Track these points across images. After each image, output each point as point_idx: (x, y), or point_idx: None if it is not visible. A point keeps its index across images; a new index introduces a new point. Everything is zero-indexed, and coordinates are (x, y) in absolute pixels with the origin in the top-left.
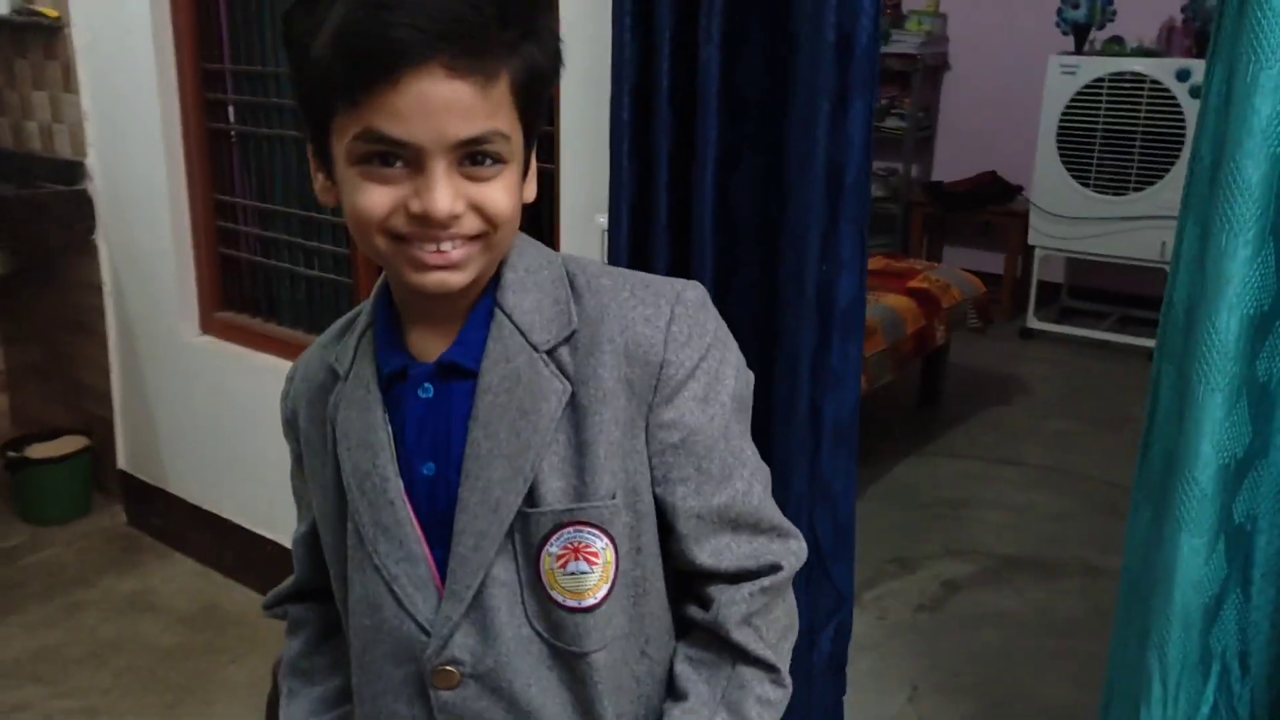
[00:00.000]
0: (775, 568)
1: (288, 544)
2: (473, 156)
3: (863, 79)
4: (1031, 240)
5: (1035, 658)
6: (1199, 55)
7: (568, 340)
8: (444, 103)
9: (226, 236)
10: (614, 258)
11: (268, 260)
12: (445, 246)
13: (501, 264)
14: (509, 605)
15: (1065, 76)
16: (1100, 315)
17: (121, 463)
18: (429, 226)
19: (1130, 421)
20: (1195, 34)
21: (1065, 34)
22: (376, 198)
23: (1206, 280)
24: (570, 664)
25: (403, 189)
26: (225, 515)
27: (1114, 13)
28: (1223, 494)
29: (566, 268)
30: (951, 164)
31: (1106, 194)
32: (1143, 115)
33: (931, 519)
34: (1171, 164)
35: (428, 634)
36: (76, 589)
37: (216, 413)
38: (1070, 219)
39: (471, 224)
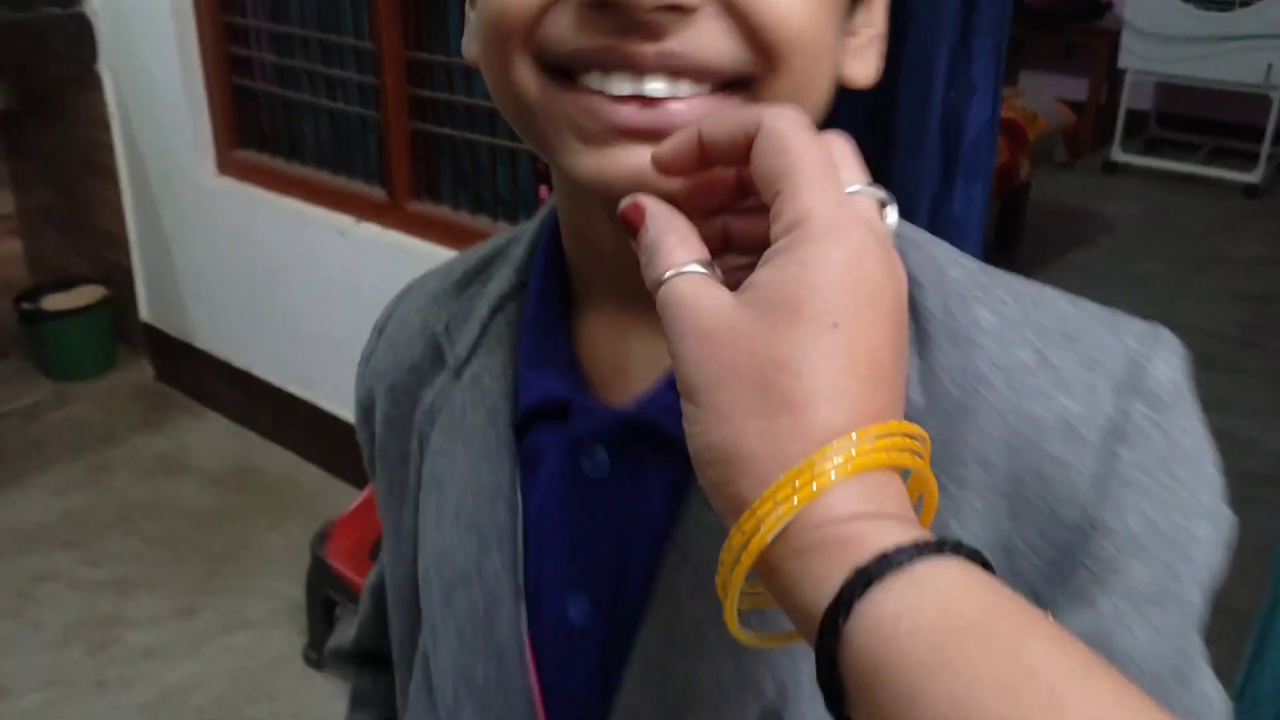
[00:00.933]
0: None
1: (326, 406)
2: None
3: None
4: (1123, 62)
5: None
6: None
7: None
8: None
9: (239, 65)
10: None
11: (286, 92)
12: (655, 85)
13: None
14: None
15: None
16: (1191, 147)
17: (144, 314)
18: (621, 29)
19: (1222, 262)
20: None
21: None
22: None
23: None
24: None
25: None
26: (257, 373)
27: None
28: None
29: (904, 261)
30: None
31: (1210, 9)
32: None
33: None
34: None
35: None
36: (104, 448)
37: (242, 262)
38: (1167, 38)
39: (719, 45)
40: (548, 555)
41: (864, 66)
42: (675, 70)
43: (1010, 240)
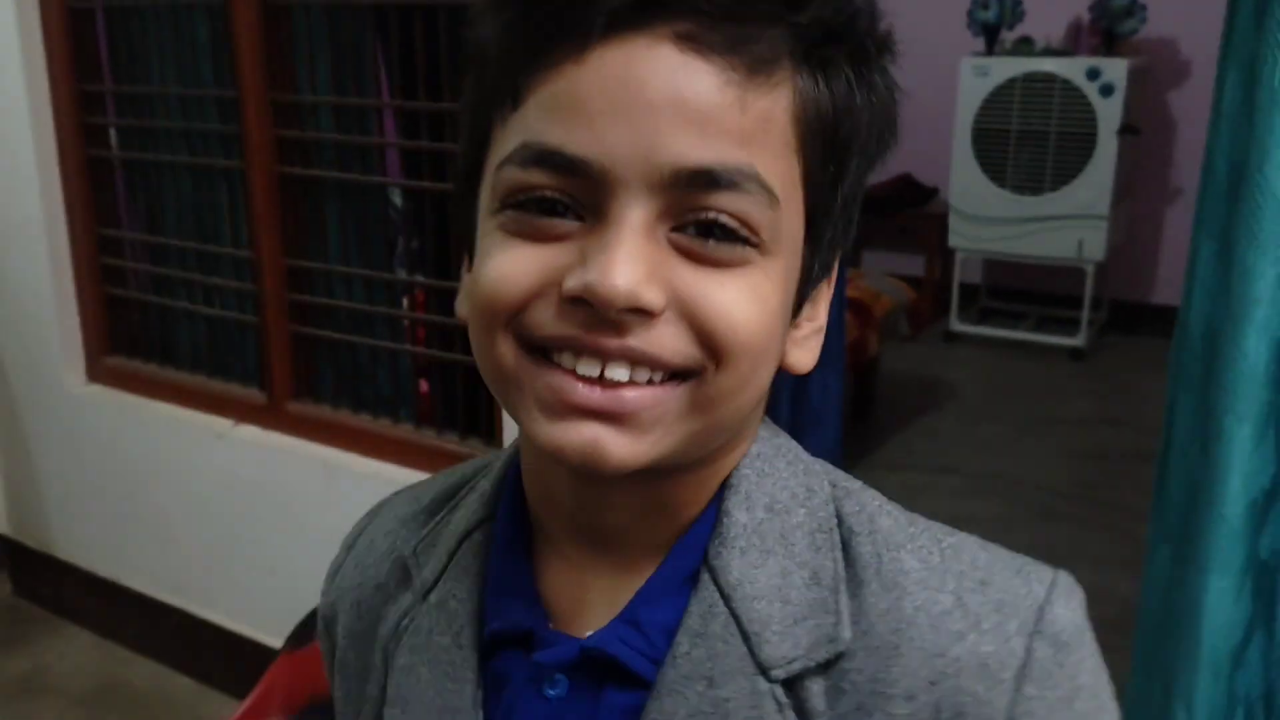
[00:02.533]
0: None
1: (199, 613)
2: (700, 224)
3: None
4: (952, 242)
5: None
6: (1107, 54)
7: (826, 668)
8: (668, 93)
9: (113, 274)
10: None
11: (161, 299)
12: (616, 372)
13: (726, 488)
14: None
15: (978, 78)
16: (1020, 315)
17: (3, 527)
18: (592, 323)
19: (1056, 423)
20: (1102, 33)
21: (976, 35)
22: (517, 263)
23: (1231, 302)
24: None
25: (564, 256)
26: (124, 582)
27: (1023, 13)
28: (1251, 531)
29: (839, 510)
30: None
31: (1023, 194)
32: (1055, 115)
33: None
34: (1085, 162)
35: None
36: None
37: (111, 469)
38: (988, 220)
39: (674, 342)
40: None
41: (805, 355)
42: (635, 360)
43: (865, 410)
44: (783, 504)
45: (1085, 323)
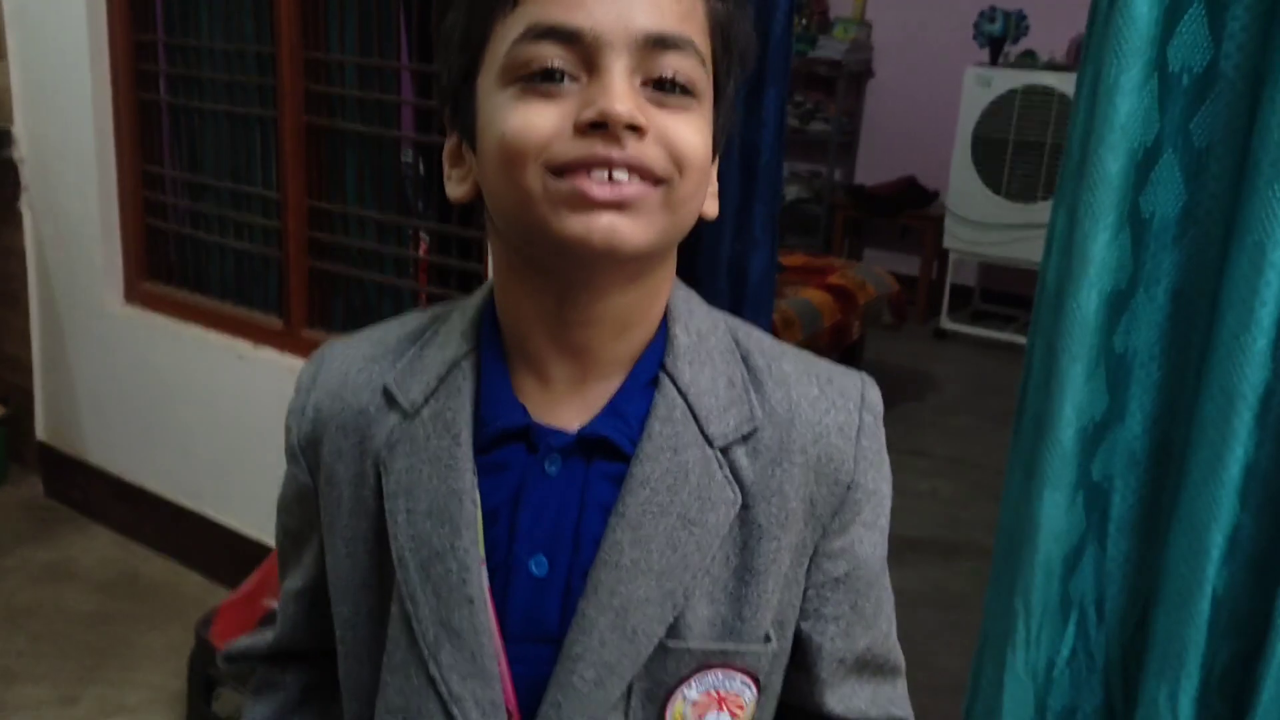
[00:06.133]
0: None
1: (212, 515)
2: (659, 82)
3: (777, 69)
4: (946, 244)
5: (930, 631)
6: None
7: (747, 439)
8: None
9: (154, 207)
10: None
11: (196, 232)
12: (620, 175)
13: (668, 318)
14: None
15: (980, 88)
16: (1010, 318)
17: (40, 434)
18: (604, 141)
19: None
20: None
21: (982, 46)
22: (537, 117)
23: (1072, 261)
24: None
25: (571, 104)
26: (147, 487)
27: (1027, 28)
28: (1081, 454)
29: (734, 336)
30: (873, 168)
31: (1017, 201)
32: (1052, 126)
33: None
34: None
35: None
36: None
37: (140, 384)
38: (983, 224)
39: (655, 155)
40: (518, 530)
41: (712, 206)
42: (632, 167)
43: None
44: (704, 331)
45: None
